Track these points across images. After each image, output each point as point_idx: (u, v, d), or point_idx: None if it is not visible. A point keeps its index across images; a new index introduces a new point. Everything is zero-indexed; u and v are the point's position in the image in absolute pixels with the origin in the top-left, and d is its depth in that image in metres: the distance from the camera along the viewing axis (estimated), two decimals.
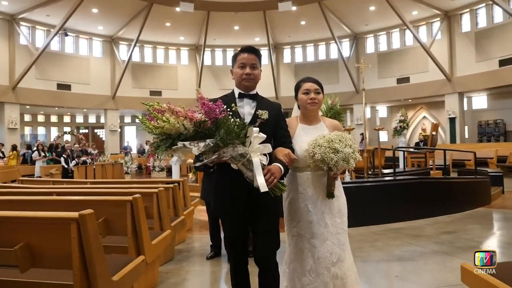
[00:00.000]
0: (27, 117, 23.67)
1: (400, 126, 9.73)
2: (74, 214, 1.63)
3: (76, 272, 1.64)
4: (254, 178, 1.86)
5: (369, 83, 21.44)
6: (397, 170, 7.33)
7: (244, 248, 2.17)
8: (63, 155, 12.33)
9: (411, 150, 9.09)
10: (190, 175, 9.88)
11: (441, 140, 21.38)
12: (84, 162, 12.78)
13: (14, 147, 13.94)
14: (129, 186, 4.09)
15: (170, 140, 1.82)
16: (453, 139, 18.76)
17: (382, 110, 23.65)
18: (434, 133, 9.65)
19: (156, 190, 3.31)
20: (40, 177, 11.51)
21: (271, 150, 2.03)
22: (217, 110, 1.83)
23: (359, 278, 2.33)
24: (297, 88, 2.47)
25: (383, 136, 22.46)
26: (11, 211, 1.90)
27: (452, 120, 18.87)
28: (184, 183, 5.26)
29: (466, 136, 19.44)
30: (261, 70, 2.25)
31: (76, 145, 13.56)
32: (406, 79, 20.33)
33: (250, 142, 1.92)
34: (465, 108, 19.51)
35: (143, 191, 3.03)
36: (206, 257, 3.89)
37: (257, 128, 1.95)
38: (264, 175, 1.88)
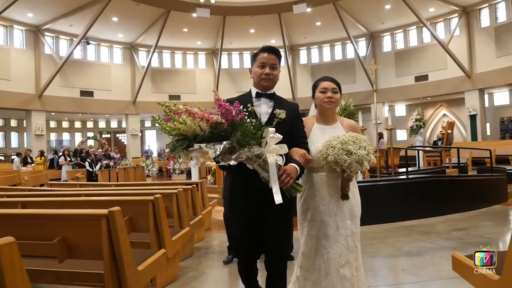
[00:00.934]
0: (52, 124, 24.57)
1: (417, 125, 9.75)
2: (104, 211, 1.86)
3: (106, 262, 1.87)
4: (269, 179, 1.87)
5: (387, 82, 21.38)
6: (413, 169, 7.37)
7: (255, 248, 2.16)
8: (88, 160, 12.84)
9: (427, 149, 9.04)
10: (209, 177, 10.15)
11: (462, 138, 21.02)
12: (108, 166, 13.26)
13: (41, 153, 14.59)
14: (151, 188, 4.35)
15: (187, 142, 1.83)
16: (474, 137, 18.43)
17: (401, 109, 23.45)
18: (449, 131, 9.59)
19: (175, 191, 3.55)
20: (66, 181, 12.02)
21: (287, 151, 2.02)
22: (234, 111, 1.83)
23: (367, 272, 2.44)
24: (314, 86, 2.46)
25: (402, 135, 22.26)
26: (48, 209, 2.16)
27: (472, 117, 18.53)
28: (202, 185, 5.50)
29: (488, 133, 19.06)
30: (280, 71, 2.25)
31: (100, 150, 14.09)
32: (424, 77, 20.09)
33: (266, 143, 1.92)
34: (487, 104, 19.13)
35: (164, 192, 3.25)
36: (223, 260, 3.81)
37: (273, 129, 1.94)
38: (280, 176, 1.90)
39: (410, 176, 5.71)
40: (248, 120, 1.87)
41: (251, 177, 1.96)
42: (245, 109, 1.89)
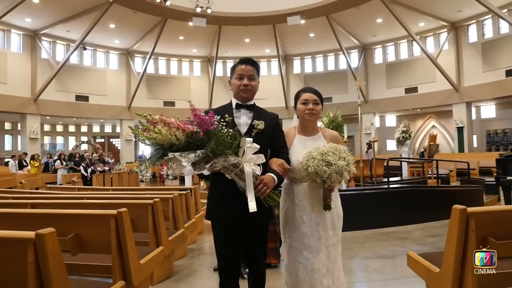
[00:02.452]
0: (46, 127, 24.66)
1: (403, 137, 10.14)
2: (113, 212, 2.16)
3: (114, 255, 2.17)
4: (246, 189, 1.91)
5: (378, 93, 21.92)
6: (396, 179, 7.74)
7: (236, 257, 2.15)
8: (82, 164, 13.05)
9: (411, 160, 9.44)
10: (202, 183, 10.43)
11: (450, 149, 21.56)
12: (102, 171, 13.48)
13: (32, 157, 14.66)
14: (148, 192, 4.64)
15: (162, 151, 1.86)
16: (461, 148, 18.95)
17: (391, 119, 23.96)
18: (432, 143, 10.00)
19: (171, 195, 3.85)
20: (61, 184, 12.21)
21: (264, 160, 2.04)
22: (209, 121, 1.86)
23: (343, 272, 2.42)
24: (296, 97, 2.45)
25: (392, 145, 22.74)
26: (62, 209, 2.47)
27: (460, 129, 19.08)
28: (195, 190, 5.80)
29: (475, 145, 19.59)
30: (258, 82, 2.27)
31: (95, 155, 14.31)
32: (414, 89, 20.66)
33: (244, 152, 1.95)
34: (474, 117, 19.70)
35: (161, 196, 3.54)
36: (214, 268, 3.72)
37: (251, 139, 1.97)
38: (257, 185, 1.93)
39: (390, 186, 6.08)
40: (225, 130, 1.90)
41: (230, 187, 1.98)
42: (222, 120, 1.92)
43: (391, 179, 7.21)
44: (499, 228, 1.80)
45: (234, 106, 2.21)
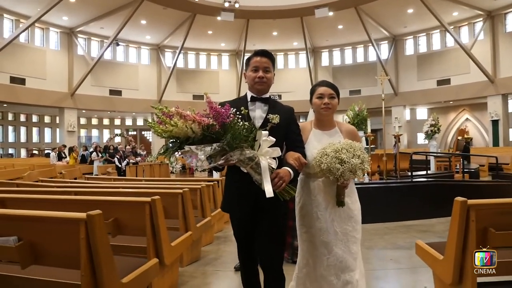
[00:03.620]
0: (82, 120, 25.83)
1: (431, 130, 10.01)
2: (148, 199, 2.44)
3: (148, 237, 2.45)
4: (262, 182, 1.88)
5: (409, 85, 21.49)
6: (423, 172, 7.73)
7: (252, 247, 2.16)
8: (117, 156, 13.68)
9: (435, 154, 9.32)
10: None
11: (485, 143, 20.86)
12: (135, 163, 14.07)
13: (71, 149, 15.48)
14: (179, 183, 4.95)
15: (178, 144, 1.86)
16: (496, 142, 18.33)
17: (422, 112, 23.41)
18: (460, 138, 9.81)
19: (199, 186, 4.13)
20: (97, 175, 12.88)
21: (280, 153, 2.01)
22: (225, 114, 1.84)
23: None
24: (312, 92, 2.42)
25: (422, 138, 22.22)
26: (101, 196, 2.78)
27: (495, 122, 18.44)
28: (222, 182, 6.08)
29: (511, 139, 18.89)
30: (274, 74, 2.24)
31: (128, 147, 14.94)
32: (446, 81, 20.10)
33: (260, 146, 1.92)
34: (510, 110, 18.97)
35: (190, 187, 3.80)
36: (234, 267, 3.63)
37: (266, 132, 1.94)
38: (273, 179, 1.90)
39: (414, 180, 6.11)
40: (240, 122, 1.87)
41: (245, 180, 1.97)
42: (238, 112, 1.90)
43: (417, 173, 7.20)
44: (499, 219, 1.93)
45: (249, 99, 2.19)
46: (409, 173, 6.79)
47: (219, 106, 1.88)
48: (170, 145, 1.93)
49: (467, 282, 1.92)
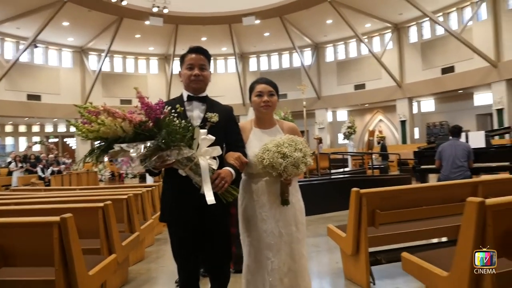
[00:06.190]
0: None
1: (348, 132, 11.17)
2: (100, 204, 2.74)
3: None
4: (202, 184, 1.79)
5: (330, 89, 23.24)
6: (341, 170, 8.68)
7: (195, 260, 2.07)
8: (40, 165, 12.99)
9: (350, 153, 10.49)
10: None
11: (396, 141, 23.33)
12: (59, 172, 13.47)
13: None
14: (118, 190, 5.13)
15: (107, 144, 1.69)
16: (404, 140, 20.65)
17: (343, 114, 25.36)
18: (371, 138, 11.14)
19: (140, 192, 4.42)
20: (17, 187, 12.12)
21: (221, 152, 1.93)
22: (158, 109, 1.71)
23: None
24: (251, 89, 2.35)
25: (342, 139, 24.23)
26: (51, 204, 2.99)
27: (403, 123, 20.75)
28: (159, 187, 6.34)
29: (416, 137, 21.38)
30: (210, 72, 2.16)
31: (51, 155, 14.23)
32: (362, 86, 22.13)
33: (198, 145, 1.82)
34: (415, 111, 21.46)
35: (114, 198, 3.49)
36: (176, 281, 3.34)
37: (205, 130, 1.86)
38: (214, 180, 1.81)
39: (332, 177, 6.98)
40: (177, 121, 1.76)
41: (185, 184, 1.87)
42: (173, 111, 1.78)
43: (335, 171, 8.12)
44: (383, 203, 2.60)
45: (185, 99, 2.09)
46: (329, 171, 7.65)
47: (150, 101, 1.74)
48: (97, 145, 1.75)
49: (362, 251, 2.56)
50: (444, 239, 3.52)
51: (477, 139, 6.18)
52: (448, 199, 2.69)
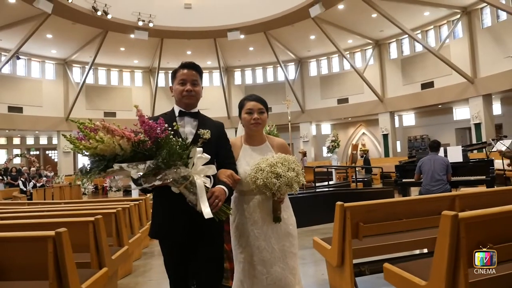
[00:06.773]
0: None
1: (332, 145, 11.41)
2: (91, 218, 2.78)
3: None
4: (198, 202, 1.78)
5: (313, 103, 23.63)
6: (325, 183, 8.83)
7: (185, 275, 2.04)
8: (21, 179, 12.75)
9: (334, 167, 10.72)
10: (149, 194, 10.79)
11: (378, 154, 23.77)
12: (42, 185, 13.23)
13: None
14: (105, 204, 5.14)
15: (105, 162, 1.65)
16: (386, 153, 21.07)
17: (326, 128, 25.77)
18: (354, 152, 11.39)
19: (128, 205, 4.45)
20: None
21: (216, 171, 1.94)
22: (158, 129, 1.71)
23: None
24: (240, 106, 2.35)
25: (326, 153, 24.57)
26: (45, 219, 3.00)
27: (385, 136, 21.20)
28: (146, 201, 6.36)
29: (398, 150, 21.86)
30: (202, 87, 2.16)
31: (33, 168, 13.98)
32: (345, 100, 22.59)
33: (193, 164, 1.81)
34: (397, 125, 21.99)
35: (104, 212, 3.58)
36: None
37: (201, 149, 1.85)
38: (208, 198, 1.81)
39: (317, 190, 7.12)
40: (174, 138, 1.75)
41: (176, 201, 1.86)
42: (169, 128, 1.77)
43: (320, 184, 8.26)
44: (366, 216, 2.72)
45: (177, 114, 2.09)
46: (314, 184, 7.80)
47: (151, 121, 1.75)
48: (90, 163, 1.71)
49: (347, 263, 2.67)
50: (425, 250, 3.66)
51: (455, 154, 6.44)
52: (428, 212, 2.83)
